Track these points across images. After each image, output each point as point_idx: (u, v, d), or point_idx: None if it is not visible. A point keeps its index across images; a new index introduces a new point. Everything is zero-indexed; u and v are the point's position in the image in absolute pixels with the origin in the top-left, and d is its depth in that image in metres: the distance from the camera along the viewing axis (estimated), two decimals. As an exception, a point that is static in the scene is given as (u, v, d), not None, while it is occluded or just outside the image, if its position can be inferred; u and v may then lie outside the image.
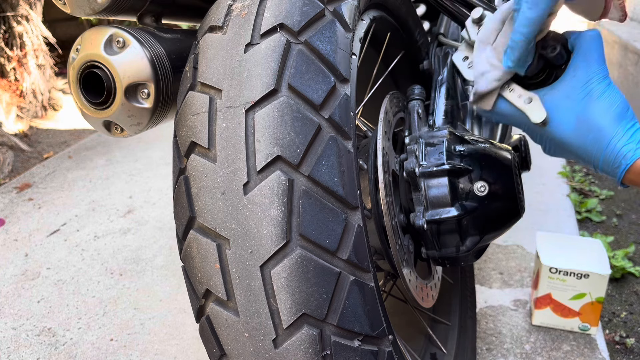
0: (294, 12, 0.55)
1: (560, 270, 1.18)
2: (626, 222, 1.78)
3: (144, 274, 1.57)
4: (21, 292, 1.53)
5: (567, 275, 1.18)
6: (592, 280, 1.17)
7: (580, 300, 1.19)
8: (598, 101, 0.61)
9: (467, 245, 0.76)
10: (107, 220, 1.91)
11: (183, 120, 0.56)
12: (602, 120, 0.60)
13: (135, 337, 1.31)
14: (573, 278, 1.18)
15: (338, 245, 0.51)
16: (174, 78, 0.65)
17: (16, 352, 1.29)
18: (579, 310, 1.20)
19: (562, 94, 0.63)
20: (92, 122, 0.67)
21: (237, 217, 0.51)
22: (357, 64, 0.64)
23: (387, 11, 0.88)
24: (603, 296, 1.17)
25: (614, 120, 0.60)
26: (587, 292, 1.18)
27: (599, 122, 0.60)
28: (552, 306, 1.22)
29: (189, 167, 0.54)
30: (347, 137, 0.55)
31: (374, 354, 0.53)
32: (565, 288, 1.19)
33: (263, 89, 0.52)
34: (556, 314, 1.23)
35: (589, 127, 0.61)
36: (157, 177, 2.26)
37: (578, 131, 0.62)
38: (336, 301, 0.51)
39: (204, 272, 0.52)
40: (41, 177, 2.32)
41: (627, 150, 0.58)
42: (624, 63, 2.57)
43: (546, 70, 0.67)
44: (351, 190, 0.53)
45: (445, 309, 1.12)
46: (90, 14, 0.61)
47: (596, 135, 0.60)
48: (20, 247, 1.77)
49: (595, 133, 0.60)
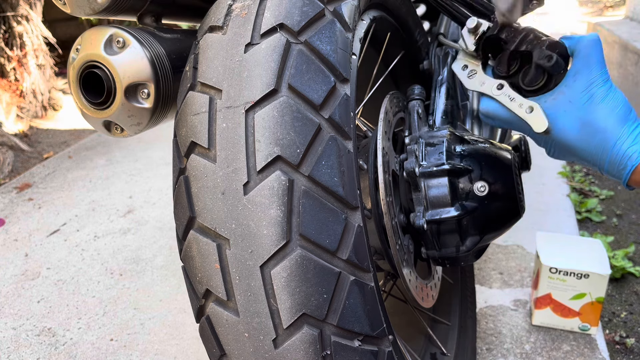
0: (294, 12, 0.55)
1: (560, 270, 1.18)
2: (626, 222, 1.78)
3: (144, 274, 1.57)
4: (21, 292, 1.53)
5: (567, 275, 1.18)
6: (592, 280, 1.17)
7: (580, 300, 1.19)
8: (601, 104, 0.61)
9: (467, 245, 0.76)
10: (107, 220, 1.91)
11: (183, 120, 0.56)
12: (606, 123, 0.60)
13: (135, 337, 1.31)
14: (573, 278, 1.18)
15: (338, 245, 0.51)
16: (174, 78, 0.65)
17: (16, 352, 1.29)
18: (579, 310, 1.20)
19: (564, 99, 0.63)
20: (92, 122, 0.67)
21: (237, 217, 0.51)
22: (357, 64, 0.64)
23: (387, 11, 0.88)
24: (603, 296, 1.17)
25: (617, 123, 0.60)
26: (587, 292, 1.18)
27: (603, 125, 0.60)
28: (552, 306, 1.22)
29: (189, 167, 0.54)
30: (347, 137, 0.55)
31: (374, 354, 0.53)
32: (565, 288, 1.19)
33: (263, 89, 0.52)
34: (556, 314, 1.23)
35: (593, 130, 0.61)
36: (157, 177, 2.26)
37: (582, 135, 0.62)
38: (336, 301, 0.51)
39: (204, 272, 0.52)
40: (41, 177, 2.32)
41: (633, 151, 0.59)
42: (624, 63, 2.57)
43: (544, 76, 0.67)
44: (351, 190, 0.53)
45: (446, 309, 1.12)
46: (90, 14, 0.61)
47: (601, 138, 0.60)
48: (20, 247, 1.77)
49: (600, 136, 0.60)
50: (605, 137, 0.60)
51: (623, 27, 2.84)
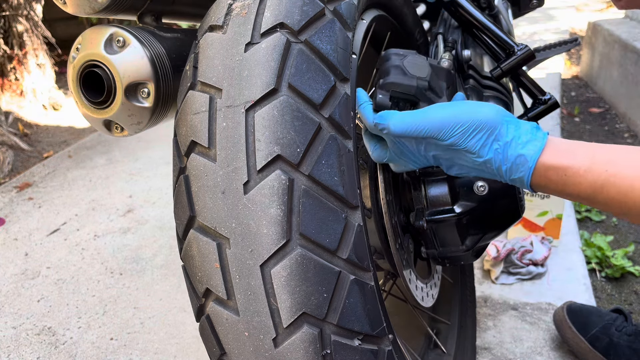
0: (294, 12, 0.55)
1: (527, 192, 1.40)
2: (626, 222, 1.78)
3: (144, 273, 1.57)
4: (21, 291, 1.53)
5: (533, 196, 1.44)
6: (552, 200, 1.43)
7: (544, 217, 1.46)
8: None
9: (467, 244, 0.76)
10: (107, 219, 1.91)
11: (183, 119, 0.56)
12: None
13: (135, 336, 1.31)
14: (537, 198, 1.44)
15: (338, 245, 0.51)
16: (174, 77, 0.65)
17: (16, 351, 1.29)
18: (543, 225, 1.46)
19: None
20: (93, 122, 0.66)
21: (237, 217, 0.51)
22: (357, 63, 0.64)
23: (387, 10, 0.88)
24: (562, 213, 1.45)
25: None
26: (549, 210, 1.44)
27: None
28: (523, 223, 1.49)
29: (189, 166, 0.54)
30: (347, 136, 0.55)
31: (373, 353, 0.53)
32: (532, 207, 1.45)
33: (263, 88, 0.52)
34: (526, 229, 1.48)
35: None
36: (157, 176, 2.26)
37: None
38: (336, 300, 0.51)
39: (204, 271, 0.52)
40: (41, 177, 2.32)
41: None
42: (624, 62, 2.57)
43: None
44: (351, 190, 0.54)
45: (445, 308, 1.12)
46: (91, 13, 0.61)
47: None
48: (20, 246, 1.77)
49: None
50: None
51: (623, 27, 2.84)
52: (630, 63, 2.50)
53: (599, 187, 0.53)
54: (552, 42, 1.69)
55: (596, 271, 1.53)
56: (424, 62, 0.67)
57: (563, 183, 0.55)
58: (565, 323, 1.14)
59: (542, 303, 1.30)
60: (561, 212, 1.44)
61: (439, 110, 0.60)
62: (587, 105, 2.86)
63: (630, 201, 0.52)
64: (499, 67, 0.92)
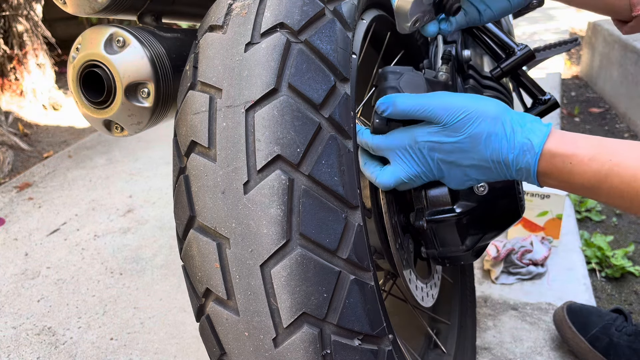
0: (294, 12, 0.55)
1: (527, 192, 1.43)
2: (626, 222, 1.78)
3: (144, 273, 1.57)
4: (21, 291, 1.53)
5: (533, 197, 1.44)
6: (552, 200, 1.42)
7: (544, 217, 1.45)
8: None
9: (467, 244, 0.76)
10: (107, 219, 1.91)
11: (183, 119, 0.56)
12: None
13: (135, 336, 1.31)
14: (537, 199, 1.43)
15: (338, 245, 0.51)
16: (174, 77, 0.65)
17: (16, 351, 1.29)
18: (543, 225, 1.45)
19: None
20: (92, 122, 0.66)
21: (237, 216, 0.51)
22: (357, 63, 0.64)
23: (387, 10, 0.88)
24: (562, 213, 1.44)
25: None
26: (549, 210, 1.44)
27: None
28: (523, 223, 1.49)
29: (189, 166, 0.54)
30: (347, 136, 0.55)
31: (373, 353, 0.53)
32: (532, 207, 1.45)
33: (263, 88, 0.52)
34: (526, 229, 1.48)
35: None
36: (157, 176, 2.26)
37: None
38: (336, 300, 0.51)
39: (204, 271, 0.52)
40: (41, 177, 2.32)
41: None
42: (624, 62, 2.57)
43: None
44: (351, 190, 0.54)
45: (445, 308, 1.12)
46: (91, 13, 0.61)
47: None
48: (20, 246, 1.77)
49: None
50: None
51: (623, 27, 2.84)
52: (630, 63, 2.50)
53: (603, 176, 0.54)
54: (552, 42, 1.69)
55: (596, 271, 1.53)
56: (420, 80, 0.69)
57: (568, 171, 0.56)
58: (565, 323, 1.14)
59: (542, 303, 1.30)
60: (561, 212, 1.44)
61: (444, 95, 0.62)
62: (587, 105, 2.86)
63: (633, 191, 0.52)
64: (499, 67, 0.92)
